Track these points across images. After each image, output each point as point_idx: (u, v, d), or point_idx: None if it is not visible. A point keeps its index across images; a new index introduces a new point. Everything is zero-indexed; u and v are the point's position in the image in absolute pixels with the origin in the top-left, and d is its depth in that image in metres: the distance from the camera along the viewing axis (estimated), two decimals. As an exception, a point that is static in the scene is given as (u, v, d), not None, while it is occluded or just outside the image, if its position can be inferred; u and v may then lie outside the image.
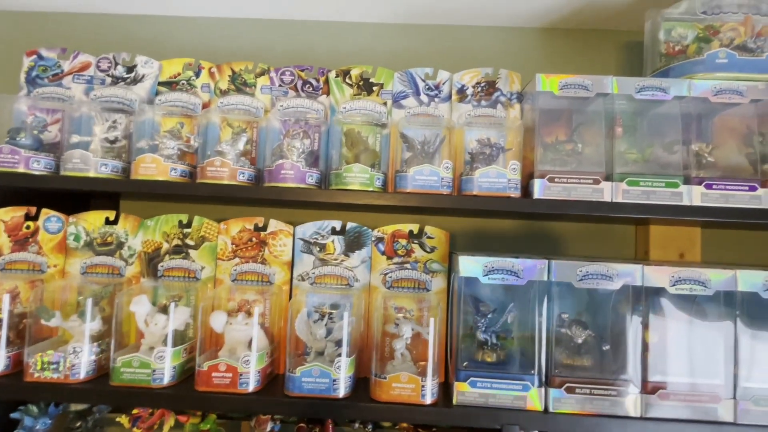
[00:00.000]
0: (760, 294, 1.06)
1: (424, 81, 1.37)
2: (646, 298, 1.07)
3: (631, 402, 0.99)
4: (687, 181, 1.14)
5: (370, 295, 1.20)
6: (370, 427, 1.27)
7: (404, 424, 1.29)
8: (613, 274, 1.07)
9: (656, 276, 1.08)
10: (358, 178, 1.16)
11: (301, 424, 1.27)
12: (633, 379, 1.01)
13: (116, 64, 1.37)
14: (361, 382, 1.09)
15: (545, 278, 1.07)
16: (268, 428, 1.24)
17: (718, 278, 1.07)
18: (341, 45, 1.55)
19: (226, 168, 1.17)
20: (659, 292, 1.08)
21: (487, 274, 1.07)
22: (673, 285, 1.07)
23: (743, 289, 1.06)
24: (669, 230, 1.46)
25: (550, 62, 1.54)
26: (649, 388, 1.00)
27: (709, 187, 1.13)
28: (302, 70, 1.39)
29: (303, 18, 1.57)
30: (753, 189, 1.13)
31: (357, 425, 1.28)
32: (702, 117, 1.30)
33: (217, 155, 1.20)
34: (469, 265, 1.07)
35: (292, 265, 1.22)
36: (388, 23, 1.56)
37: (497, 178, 1.15)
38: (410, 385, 0.98)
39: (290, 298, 1.20)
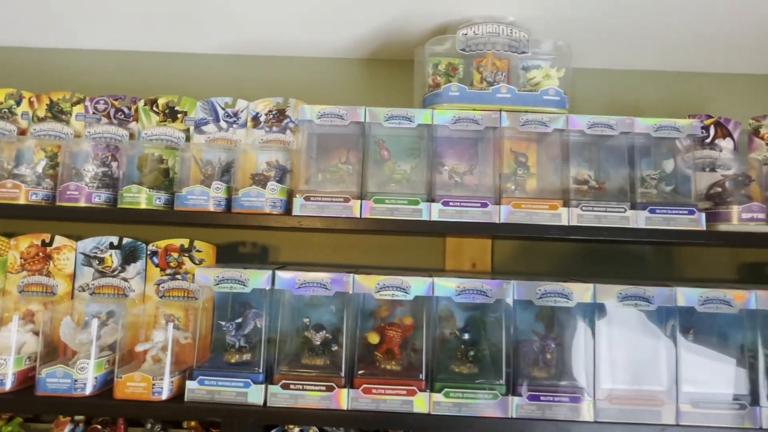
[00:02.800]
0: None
1: (223, 109, 1.51)
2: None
3: (337, 396, 1.10)
4: (430, 199, 1.28)
5: (144, 304, 1.32)
6: (158, 427, 1.38)
7: (193, 423, 1.41)
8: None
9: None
10: (136, 197, 1.29)
11: (96, 425, 1.38)
12: (345, 375, 1.13)
13: (-59, 94, 1.50)
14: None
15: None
16: (66, 430, 1.34)
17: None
18: (156, 75, 1.67)
19: (18, 189, 1.30)
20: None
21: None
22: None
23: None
24: (462, 241, 1.60)
25: (363, 90, 1.69)
26: (356, 384, 1.11)
27: (446, 204, 1.27)
28: (116, 99, 1.52)
29: (123, 49, 1.68)
30: (484, 206, 1.26)
31: (148, 425, 1.39)
32: (478, 141, 1.45)
33: (14, 178, 1.32)
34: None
35: (74, 277, 1.34)
36: (208, 54, 1.69)
37: (257, 198, 1.28)
38: (142, 383, 1.09)
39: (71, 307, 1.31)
